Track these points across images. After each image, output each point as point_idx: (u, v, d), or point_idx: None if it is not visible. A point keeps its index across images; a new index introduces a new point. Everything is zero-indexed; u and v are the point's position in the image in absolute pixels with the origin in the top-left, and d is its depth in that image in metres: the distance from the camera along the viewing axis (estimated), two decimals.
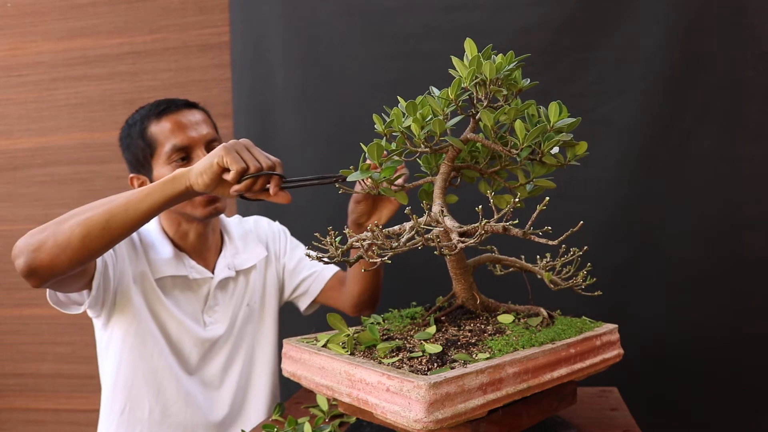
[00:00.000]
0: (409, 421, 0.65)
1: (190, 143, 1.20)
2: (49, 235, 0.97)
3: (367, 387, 0.71)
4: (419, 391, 0.64)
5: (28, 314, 2.15)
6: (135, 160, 1.25)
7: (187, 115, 1.22)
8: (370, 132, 1.90)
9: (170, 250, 1.26)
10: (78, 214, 0.99)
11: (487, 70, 0.80)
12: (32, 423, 2.17)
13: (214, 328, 1.29)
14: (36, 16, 2.08)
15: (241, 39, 1.86)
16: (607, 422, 1.01)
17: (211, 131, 1.24)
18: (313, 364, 0.81)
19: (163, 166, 1.20)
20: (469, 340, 0.80)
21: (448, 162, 0.87)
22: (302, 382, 0.83)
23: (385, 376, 0.68)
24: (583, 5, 1.63)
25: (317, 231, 0.86)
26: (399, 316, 0.94)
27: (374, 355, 0.77)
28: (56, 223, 0.99)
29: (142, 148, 1.22)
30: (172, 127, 1.20)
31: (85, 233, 0.96)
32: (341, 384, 0.75)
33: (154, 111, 1.22)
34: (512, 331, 0.83)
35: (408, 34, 1.72)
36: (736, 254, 1.60)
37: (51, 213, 2.10)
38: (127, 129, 1.26)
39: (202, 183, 0.95)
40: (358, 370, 0.73)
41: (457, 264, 0.88)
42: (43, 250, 0.97)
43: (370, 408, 0.71)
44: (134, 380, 1.25)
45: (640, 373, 1.61)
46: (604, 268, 1.60)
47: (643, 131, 1.62)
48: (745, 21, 1.58)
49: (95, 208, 0.98)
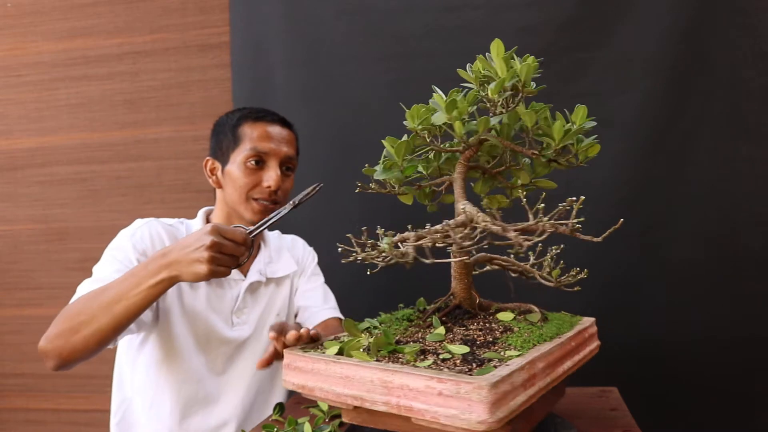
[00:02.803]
0: (472, 423, 0.64)
1: (268, 152, 1.27)
2: (66, 345, 1.05)
3: (411, 393, 0.68)
4: (481, 392, 0.63)
5: (28, 314, 2.15)
6: (218, 147, 1.32)
7: (278, 128, 1.31)
8: (370, 132, 1.90)
9: None
10: (85, 322, 1.04)
11: (524, 72, 0.80)
12: (32, 423, 2.17)
13: (241, 330, 1.32)
14: (36, 16, 2.08)
15: (241, 39, 1.86)
16: (607, 422, 1.01)
17: (290, 151, 1.31)
18: (332, 374, 0.76)
19: (238, 162, 1.27)
20: (485, 339, 0.80)
21: (464, 162, 0.88)
22: (315, 394, 0.78)
23: (435, 380, 0.66)
24: (583, 5, 1.63)
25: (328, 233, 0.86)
26: (395, 319, 0.93)
27: (403, 359, 0.74)
28: (69, 330, 1.05)
29: (229, 139, 1.29)
30: (261, 133, 1.28)
31: (100, 339, 1.05)
32: (374, 392, 0.71)
33: (253, 114, 1.30)
34: (519, 329, 0.84)
35: (408, 34, 1.73)
36: (736, 254, 1.60)
37: (51, 213, 2.11)
38: (225, 118, 1.34)
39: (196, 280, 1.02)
40: (396, 376, 0.70)
41: (462, 264, 0.88)
42: (68, 357, 1.06)
43: (414, 414, 0.68)
44: (158, 379, 1.26)
45: (640, 373, 1.61)
46: (604, 268, 1.60)
47: (643, 131, 1.62)
48: (745, 21, 1.58)
49: (99, 316, 1.04)
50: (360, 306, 1.45)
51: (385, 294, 1.37)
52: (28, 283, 2.14)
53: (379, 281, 1.73)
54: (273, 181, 1.25)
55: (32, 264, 2.14)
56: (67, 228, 2.10)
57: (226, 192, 1.29)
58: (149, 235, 1.24)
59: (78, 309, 1.05)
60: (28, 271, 2.14)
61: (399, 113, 1.88)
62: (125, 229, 1.26)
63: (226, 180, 1.29)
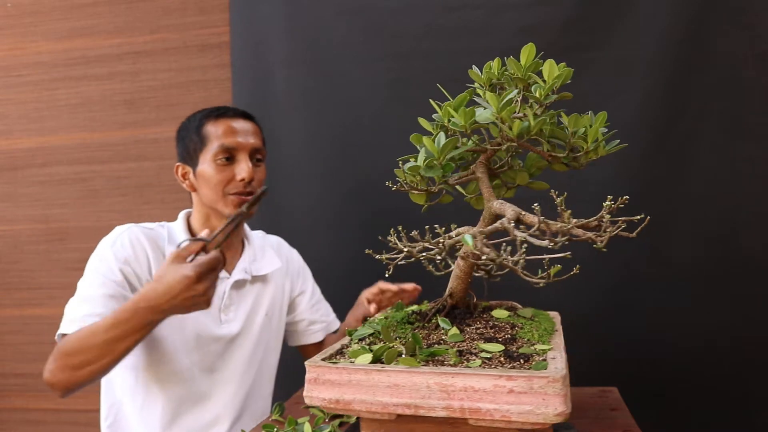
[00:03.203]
0: (549, 417, 0.65)
1: (236, 146, 1.29)
2: (71, 378, 1.10)
3: (476, 394, 0.68)
4: (556, 385, 0.65)
5: (28, 314, 2.15)
6: (185, 152, 1.34)
7: (241, 122, 1.33)
8: (370, 132, 1.90)
9: None
10: (86, 362, 1.08)
11: (564, 77, 0.81)
12: (32, 423, 2.17)
13: (229, 326, 1.34)
14: (36, 16, 2.08)
15: (241, 39, 1.86)
16: (607, 422, 1.01)
17: (257, 142, 1.33)
18: (376, 384, 0.72)
19: (208, 161, 1.29)
20: (505, 336, 0.81)
21: (485, 162, 0.88)
22: (352, 407, 0.73)
23: (504, 378, 0.67)
24: (583, 5, 1.63)
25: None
26: (396, 323, 0.91)
27: (448, 361, 0.74)
28: (71, 367, 1.09)
29: (194, 142, 1.31)
30: (225, 129, 1.30)
31: (103, 371, 1.10)
32: (431, 398, 0.70)
33: (214, 112, 1.33)
34: (522, 325, 0.86)
35: (408, 34, 1.72)
36: (735, 254, 1.60)
37: (51, 213, 2.11)
38: (186, 123, 1.36)
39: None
40: (458, 379, 0.69)
41: (471, 263, 0.89)
42: (74, 388, 1.12)
43: (480, 416, 0.68)
44: (148, 381, 1.26)
45: (640, 373, 1.61)
46: (604, 268, 1.60)
47: (643, 131, 1.62)
48: (745, 21, 1.58)
49: (99, 357, 1.08)
50: (349, 309, 1.45)
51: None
52: (28, 283, 2.14)
53: (366, 283, 1.75)
54: (246, 173, 1.27)
55: (32, 264, 2.14)
56: (67, 228, 2.10)
57: (202, 193, 1.31)
58: (129, 242, 1.25)
59: (77, 347, 1.08)
60: (28, 271, 2.14)
61: (399, 113, 1.89)
62: (106, 239, 1.27)
63: (199, 181, 1.31)
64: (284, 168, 1.82)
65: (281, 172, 1.83)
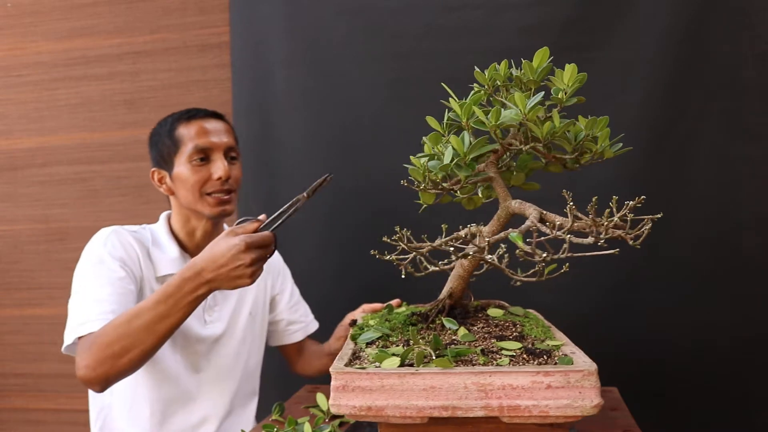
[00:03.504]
0: (586, 409, 0.68)
1: (210, 146, 1.30)
2: (111, 370, 1.07)
3: (515, 391, 0.69)
4: (590, 378, 0.68)
5: (28, 314, 2.15)
6: (159, 156, 1.34)
7: (213, 122, 1.34)
8: (370, 132, 1.90)
9: (175, 250, 1.33)
10: (129, 346, 1.06)
11: (580, 80, 0.82)
12: (32, 423, 2.17)
13: (213, 327, 1.35)
14: (36, 16, 2.08)
15: (241, 39, 1.86)
16: (607, 422, 1.01)
17: (230, 140, 1.34)
18: (410, 388, 0.71)
19: (183, 164, 1.30)
20: (513, 333, 0.83)
21: (495, 161, 0.88)
22: (385, 413, 0.71)
23: (541, 374, 0.69)
24: (583, 5, 1.63)
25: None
26: (400, 325, 0.91)
27: (477, 361, 0.74)
28: (112, 356, 1.06)
29: (168, 145, 1.32)
30: (198, 130, 1.31)
31: (145, 358, 1.08)
32: (468, 398, 0.70)
33: (185, 115, 1.34)
34: (521, 322, 0.87)
35: (408, 34, 1.72)
36: (735, 254, 1.60)
37: (51, 213, 2.11)
38: (158, 128, 1.37)
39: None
40: (496, 377, 0.69)
41: (474, 263, 0.89)
42: (114, 379, 1.09)
43: (519, 413, 0.69)
44: (135, 382, 1.27)
45: (640, 373, 1.61)
46: (604, 268, 1.60)
47: (643, 131, 1.62)
48: (745, 21, 1.58)
49: (142, 339, 1.05)
50: (342, 308, 1.45)
51: (364, 297, 1.37)
52: (28, 283, 2.14)
53: (357, 284, 1.75)
54: (222, 171, 1.28)
55: (32, 264, 2.14)
56: (67, 228, 2.10)
57: (180, 195, 1.32)
58: (120, 243, 1.25)
59: (116, 335, 1.06)
60: (28, 271, 2.14)
61: (399, 113, 1.89)
62: (94, 241, 1.26)
63: (176, 185, 1.31)
64: (284, 168, 1.82)
65: (281, 172, 1.83)
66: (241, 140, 1.87)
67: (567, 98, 0.83)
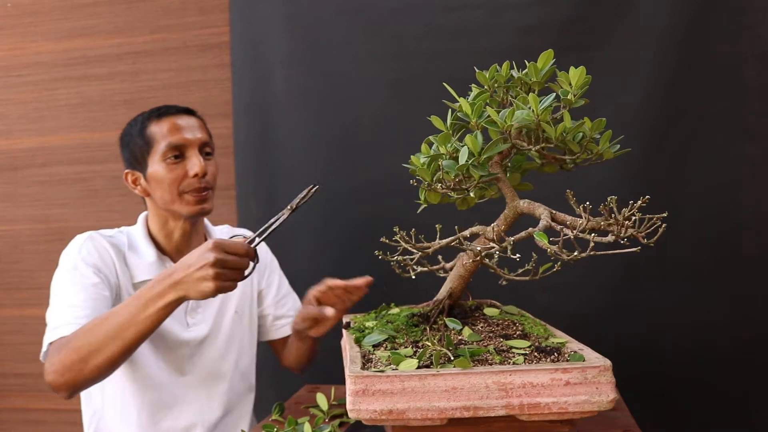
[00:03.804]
0: (603, 404, 0.70)
1: (184, 143, 1.27)
2: (78, 376, 1.05)
3: (534, 389, 0.70)
4: (606, 373, 0.70)
5: (28, 314, 2.15)
6: (132, 157, 1.31)
7: (185, 119, 1.31)
8: (370, 132, 1.90)
9: (153, 254, 1.30)
10: (96, 351, 1.04)
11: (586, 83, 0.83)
12: (32, 423, 2.17)
13: (197, 329, 1.33)
14: (36, 16, 2.08)
15: (241, 39, 1.86)
16: (607, 422, 1.02)
17: (204, 136, 1.31)
18: (432, 389, 0.71)
19: (157, 162, 1.27)
20: (516, 332, 0.85)
21: (500, 162, 0.89)
22: (407, 416, 0.70)
23: (560, 371, 0.70)
24: (583, 5, 1.63)
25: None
26: (402, 325, 0.91)
27: (494, 360, 0.75)
28: (78, 362, 1.04)
29: (140, 145, 1.29)
30: (170, 127, 1.27)
31: (111, 365, 1.06)
32: (489, 398, 0.70)
33: (155, 113, 1.31)
34: (522, 321, 0.89)
35: (408, 34, 1.72)
36: (735, 254, 1.60)
37: (51, 213, 2.11)
38: (128, 128, 1.34)
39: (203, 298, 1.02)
40: (516, 376, 0.70)
41: (473, 265, 0.89)
42: (80, 386, 1.08)
43: (539, 410, 0.70)
44: (123, 387, 1.26)
45: (640, 373, 1.61)
46: (604, 268, 1.60)
47: (643, 131, 1.62)
48: (745, 21, 1.58)
49: (108, 344, 1.03)
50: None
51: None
52: (28, 283, 2.14)
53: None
54: (198, 167, 1.25)
55: (32, 264, 2.14)
56: (67, 228, 2.10)
57: (156, 196, 1.28)
58: (95, 248, 1.23)
59: (84, 340, 1.04)
60: (28, 271, 2.14)
61: (399, 113, 1.89)
62: (69, 249, 1.25)
63: (151, 185, 1.28)
64: (284, 168, 1.82)
65: (281, 172, 1.83)
66: (241, 140, 1.88)
67: (576, 100, 0.83)
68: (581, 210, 0.77)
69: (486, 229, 0.87)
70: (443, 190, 0.86)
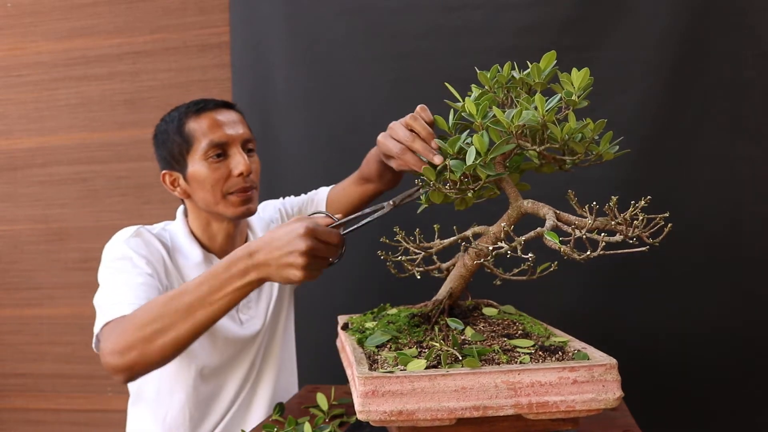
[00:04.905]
0: (609, 402, 0.70)
1: (227, 140, 1.19)
2: (140, 357, 0.96)
3: (543, 388, 0.70)
4: (613, 371, 0.71)
5: (28, 314, 2.15)
6: (170, 156, 1.22)
7: (225, 113, 1.22)
8: (370, 132, 1.90)
9: (199, 254, 1.24)
10: (161, 330, 0.95)
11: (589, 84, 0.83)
12: (32, 423, 2.17)
13: (251, 325, 1.29)
14: (36, 16, 2.08)
15: (241, 39, 1.86)
16: (607, 422, 1.01)
17: (246, 131, 1.23)
18: (442, 389, 0.70)
19: (198, 161, 1.18)
20: (518, 331, 0.85)
21: (502, 162, 0.89)
22: (417, 417, 0.70)
23: (567, 370, 0.70)
24: (583, 5, 1.63)
25: None
26: (403, 325, 0.91)
27: (500, 359, 0.75)
28: (142, 341, 0.95)
29: (178, 143, 1.20)
30: (210, 123, 1.19)
31: (177, 347, 0.96)
32: (499, 397, 0.70)
33: (193, 108, 1.21)
34: (521, 320, 0.89)
35: (408, 34, 1.72)
36: (736, 254, 1.60)
37: (51, 213, 2.11)
38: (164, 125, 1.24)
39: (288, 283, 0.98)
40: (525, 375, 0.70)
41: (474, 266, 0.89)
42: (141, 370, 0.98)
43: (547, 409, 0.70)
44: (173, 388, 1.23)
45: (640, 373, 1.61)
46: (602, 269, 1.60)
47: (643, 131, 1.62)
48: (745, 21, 1.58)
49: (177, 323, 0.94)
50: (340, 308, 1.45)
51: (362, 296, 1.37)
52: (28, 283, 2.14)
53: (355, 283, 1.74)
54: (243, 166, 1.17)
55: (32, 264, 2.14)
56: (67, 228, 2.10)
57: (197, 198, 1.21)
58: (144, 242, 1.18)
59: (149, 317, 0.95)
60: (28, 271, 2.14)
61: (399, 113, 1.88)
62: (114, 242, 1.18)
63: (192, 186, 1.20)
64: (284, 168, 1.82)
65: (281, 172, 1.83)
66: None
67: (580, 101, 0.83)
68: (585, 210, 0.77)
69: (488, 229, 0.87)
70: (449, 190, 0.85)
